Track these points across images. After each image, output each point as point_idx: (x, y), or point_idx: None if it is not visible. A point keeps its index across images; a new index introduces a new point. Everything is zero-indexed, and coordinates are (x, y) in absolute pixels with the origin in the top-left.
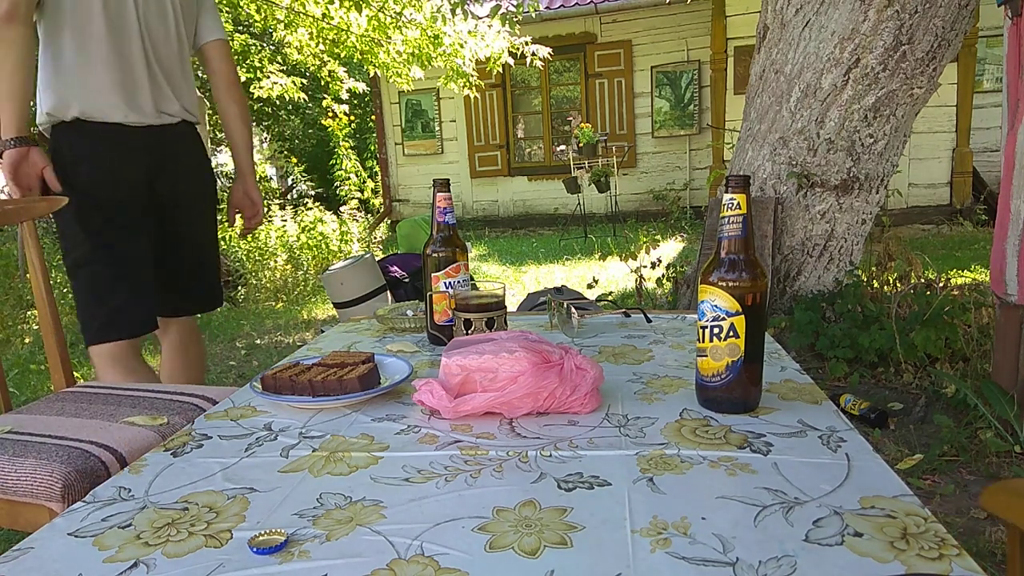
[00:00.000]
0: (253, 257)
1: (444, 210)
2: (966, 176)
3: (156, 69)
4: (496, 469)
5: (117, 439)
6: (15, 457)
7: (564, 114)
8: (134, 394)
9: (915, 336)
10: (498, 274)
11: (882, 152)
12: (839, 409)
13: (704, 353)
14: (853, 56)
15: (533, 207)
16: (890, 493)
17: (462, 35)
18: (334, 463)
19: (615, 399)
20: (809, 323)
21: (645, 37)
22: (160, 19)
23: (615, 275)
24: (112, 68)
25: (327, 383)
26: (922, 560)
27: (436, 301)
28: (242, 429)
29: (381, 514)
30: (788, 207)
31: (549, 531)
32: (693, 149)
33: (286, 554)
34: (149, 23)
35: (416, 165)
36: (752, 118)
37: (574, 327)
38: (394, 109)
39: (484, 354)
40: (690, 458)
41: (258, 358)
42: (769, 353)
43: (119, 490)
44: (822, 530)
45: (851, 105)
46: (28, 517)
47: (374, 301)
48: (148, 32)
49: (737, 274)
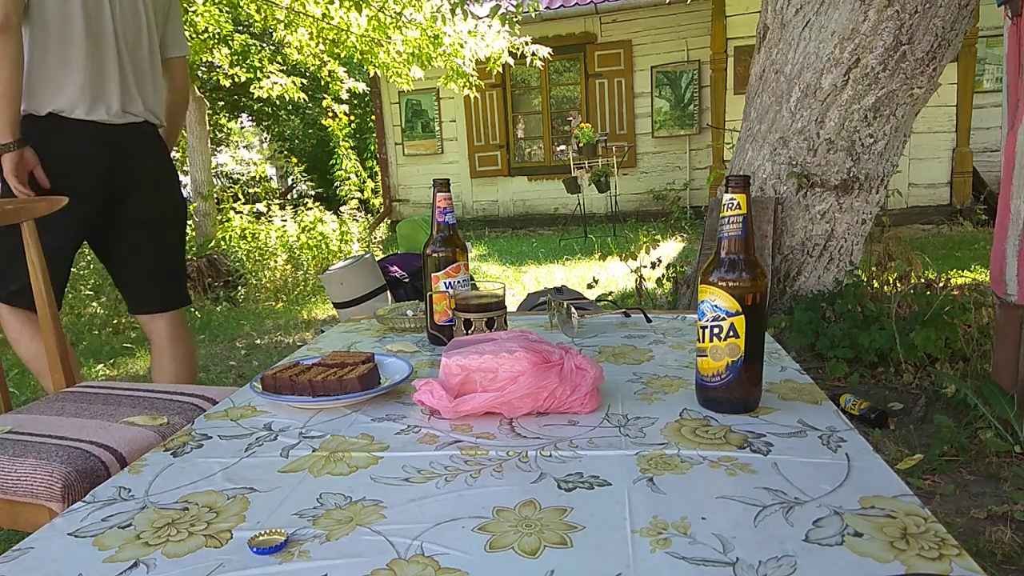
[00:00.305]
0: (253, 257)
1: (444, 210)
2: (966, 176)
3: (128, 72)
4: (496, 469)
5: (117, 439)
6: (15, 457)
7: (564, 114)
8: (134, 394)
9: (915, 336)
10: (498, 274)
11: (882, 152)
12: (839, 409)
13: (704, 353)
14: (853, 56)
15: (533, 207)
16: (890, 493)
17: (462, 35)
18: (334, 463)
19: (615, 399)
20: (809, 323)
21: (645, 37)
22: (134, 24)
23: (615, 275)
24: (86, 70)
25: (327, 383)
26: (922, 560)
27: (436, 301)
28: (242, 429)
29: (381, 514)
30: (788, 207)
31: (549, 531)
32: (693, 149)
33: (286, 554)
34: (124, 28)
35: (416, 165)
36: (752, 118)
37: (574, 327)
38: (394, 109)
39: (484, 354)
40: (690, 458)
41: (258, 358)
42: (769, 353)
43: (119, 490)
44: (822, 530)
45: (851, 105)
46: (28, 517)
47: (374, 301)
48: (123, 37)
49: (737, 274)
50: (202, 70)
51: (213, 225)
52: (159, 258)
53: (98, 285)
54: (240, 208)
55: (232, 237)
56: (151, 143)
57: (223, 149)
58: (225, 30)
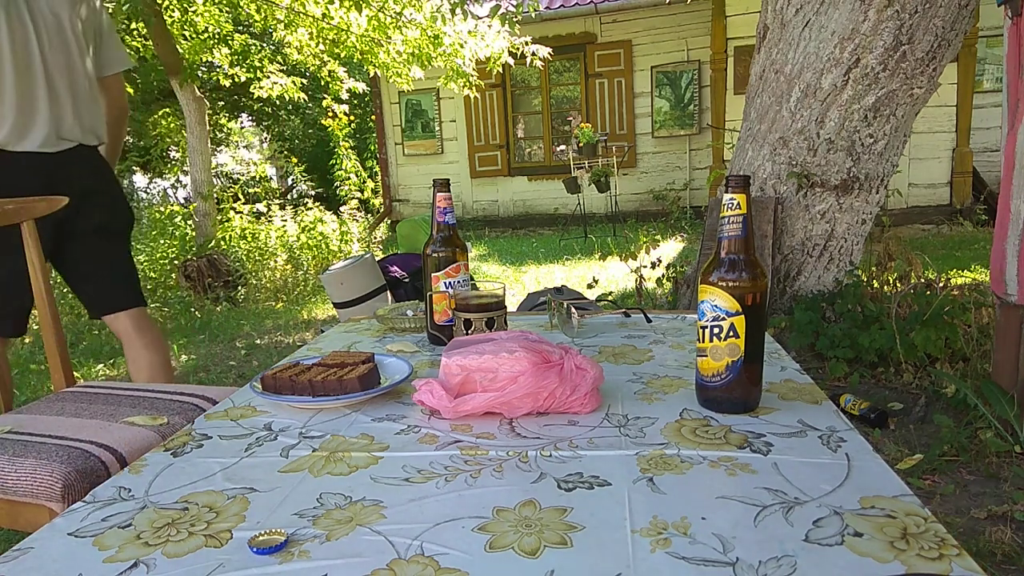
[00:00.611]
0: (253, 257)
1: (444, 210)
2: (966, 176)
3: (60, 99)
4: (496, 469)
5: (117, 439)
6: (15, 457)
7: (564, 114)
8: (134, 394)
9: (915, 336)
10: (498, 274)
11: (882, 152)
12: (839, 409)
13: (704, 353)
14: (853, 56)
15: (533, 207)
16: (890, 493)
17: (462, 35)
18: (334, 463)
19: (615, 399)
20: (809, 323)
21: (645, 37)
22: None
23: (615, 275)
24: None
25: (327, 383)
26: (922, 560)
27: (436, 301)
28: (242, 429)
29: (381, 514)
30: (788, 207)
31: (549, 531)
32: (693, 149)
33: (286, 554)
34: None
35: (416, 165)
36: (752, 118)
37: (574, 327)
38: (394, 109)
39: (484, 354)
40: (690, 458)
41: (258, 358)
42: (769, 353)
43: (119, 490)
44: (822, 530)
45: (851, 105)
46: (28, 517)
47: (374, 301)
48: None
49: (737, 274)
50: (202, 70)
51: (213, 225)
52: (111, 262)
53: None
54: (240, 208)
55: (232, 237)
56: (87, 163)
57: (223, 149)
58: (225, 30)
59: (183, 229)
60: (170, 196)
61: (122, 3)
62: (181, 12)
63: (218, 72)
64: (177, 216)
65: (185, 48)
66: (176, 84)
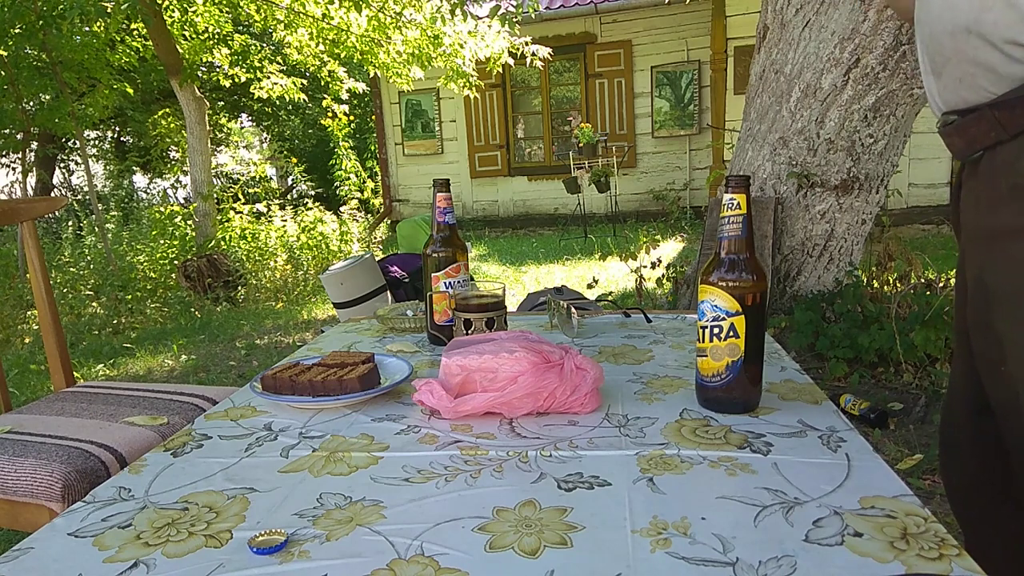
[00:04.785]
0: (253, 257)
1: (444, 210)
2: None
3: None
4: (496, 469)
5: (117, 439)
6: (15, 457)
7: (564, 114)
8: (134, 394)
9: (915, 336)
10: (498, 274)
11: (882, 152)
12: (839, 409)
13: (704, 353)
14: (853, 56)
15: (533, 207)
16: (890, 493)
17: (462, 35)
18: (334, 463)
19: (615, 399)
20: (809, 323)
21: (645, 37)
22: None
23: (615, 275)
24: None
25: (327, 383)
26: (922, 560)
27: (436, 301)
28: (242, 429)
29: (381, 514)
30: (788, 207)
31: (549, 531)
32: (693, 149)
33: (286, 554)
34: None
35: (416, 165)
36: (752, 118)
37: (574, 327)
38: (394, 109)
39: (484, 354)
40: (690, 458)
41: (258, 358)
42: (769, 353)
43: (119, 490)
44: (822, 530)
45: (851, 105)
46: (28, 517)
47: (374, 301)
48: None
49: (737, 274)
50: (202, 70)
51: (213, 225)
52: None
53: (98, 285)
54: (240, 208)
55: (232, 237)
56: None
57: (223, 149)
58: (225, 30)
59: (183, 229)
60: (170, 196)
61: (122, 3)
62: (181, 12)
63: (218, 72)
64: (177, 216)
65: (185, 48)
66: (176, 84)
